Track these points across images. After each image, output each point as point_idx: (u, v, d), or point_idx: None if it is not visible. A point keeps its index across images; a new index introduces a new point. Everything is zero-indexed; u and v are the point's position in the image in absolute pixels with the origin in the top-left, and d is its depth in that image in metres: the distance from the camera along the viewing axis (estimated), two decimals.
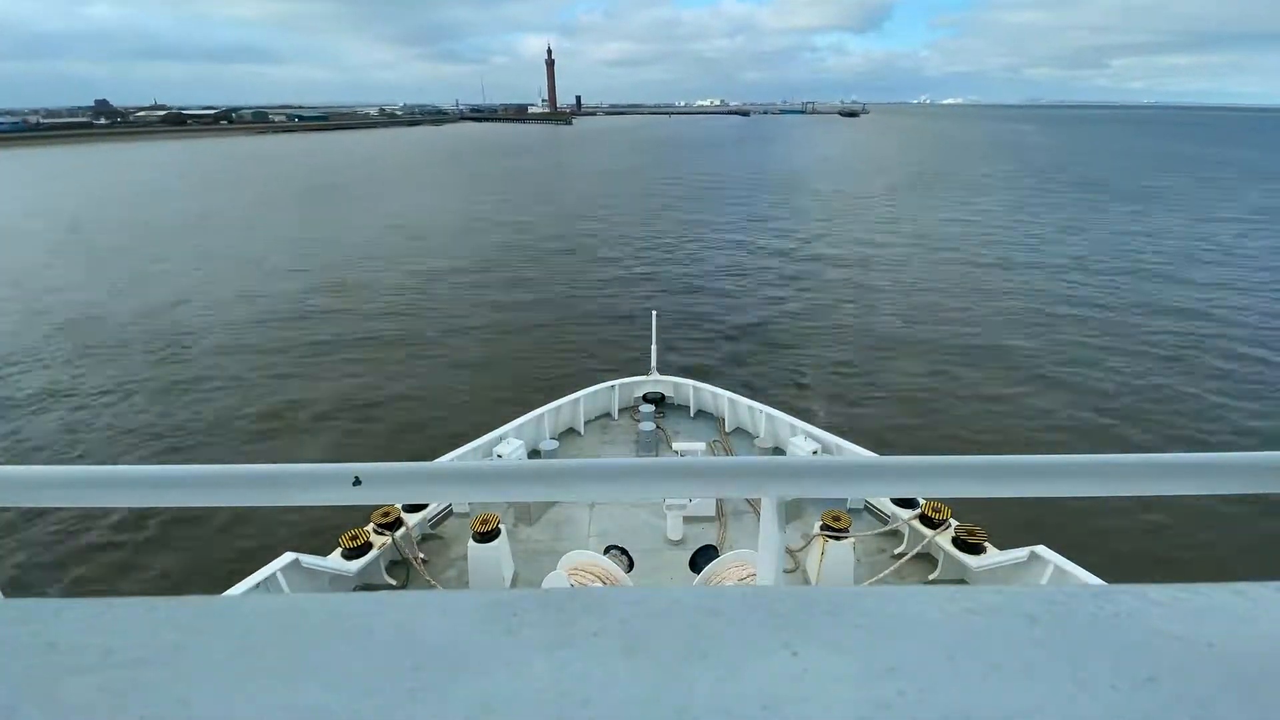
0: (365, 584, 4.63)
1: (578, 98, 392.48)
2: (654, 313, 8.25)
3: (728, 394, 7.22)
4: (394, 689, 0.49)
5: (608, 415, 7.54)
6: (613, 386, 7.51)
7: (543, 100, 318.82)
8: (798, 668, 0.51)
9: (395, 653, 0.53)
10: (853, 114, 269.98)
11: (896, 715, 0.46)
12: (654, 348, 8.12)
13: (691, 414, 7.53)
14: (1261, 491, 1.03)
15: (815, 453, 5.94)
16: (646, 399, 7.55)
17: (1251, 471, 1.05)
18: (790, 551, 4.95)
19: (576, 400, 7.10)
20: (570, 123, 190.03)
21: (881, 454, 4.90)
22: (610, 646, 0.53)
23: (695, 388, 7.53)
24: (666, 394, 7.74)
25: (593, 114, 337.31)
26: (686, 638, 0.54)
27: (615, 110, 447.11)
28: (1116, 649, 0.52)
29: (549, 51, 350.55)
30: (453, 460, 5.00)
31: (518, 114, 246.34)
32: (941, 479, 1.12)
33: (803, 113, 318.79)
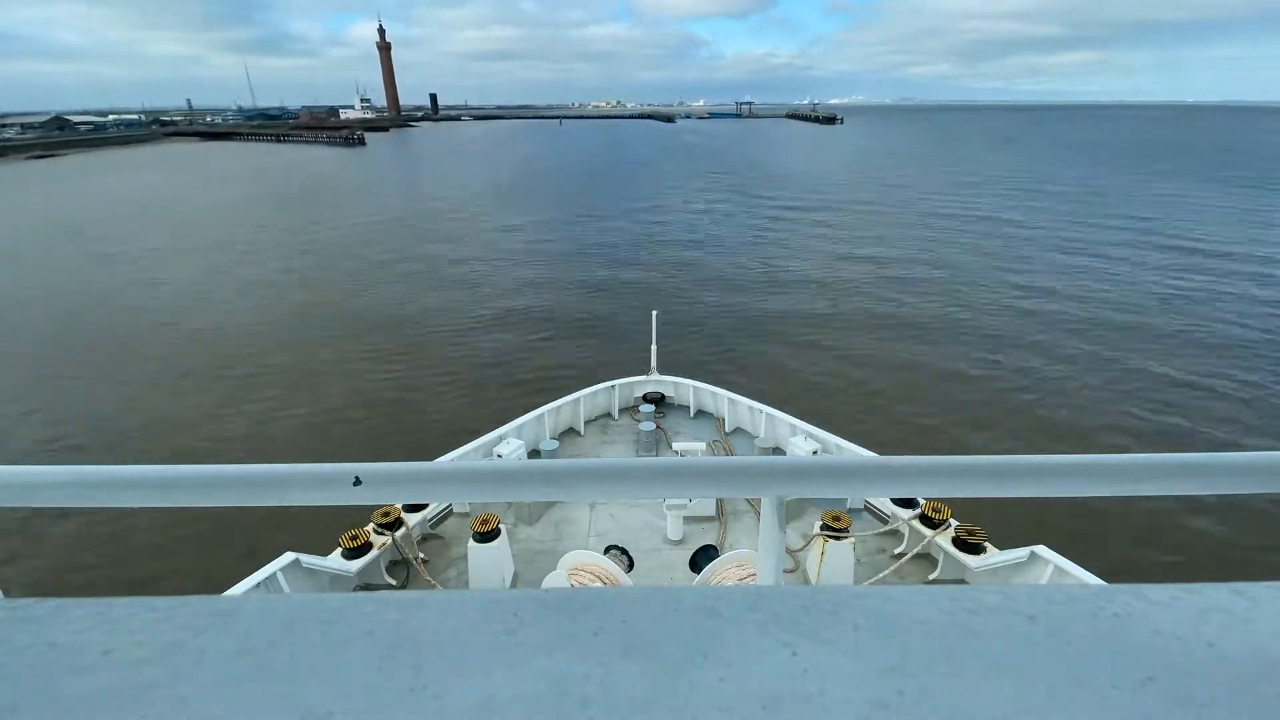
0: (365, 584, 4.63)
1: (433, 96, 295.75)
2: (654, 313, 8.25)
3: (728, 394, 7.22)
4: (394, 689, 0.49)
5: (608, 415, 7.54)
6: (613, 386, 7.51)
7: (364, 102, 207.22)
8: (798, 668, 0.51)
9: (395, 653, 0.53)
10: (830, 120, 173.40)
11: (896, 715, 0.46)
12: (654, 348, 8.12)
13: (691, 414, 7.53)
14: (1262, 491, 1.03)
15: (815, 453, 5.94)
16: (646, 399, 7.55)
17: (1251, 471, 1.05)
18: (790, 551, 4.95)
19: (576, 400, 7.11)
20: (364, 141, 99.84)
21: (881, 454, 4.92)
22: (610, 646, 0.53)
23: (695, 388, 7.54)
24: (666, 394, 7.74)
25: (455, 119, 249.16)
26: (686, 638, 0.54)
27: (494, 113, 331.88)
28: (1116, 649, 0.52)
29: (380, 34, 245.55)
30: (453, 460, 5.01)
31: (318, 123, 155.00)
32: (941, 479, 1.12)
33: (738, 116, 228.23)
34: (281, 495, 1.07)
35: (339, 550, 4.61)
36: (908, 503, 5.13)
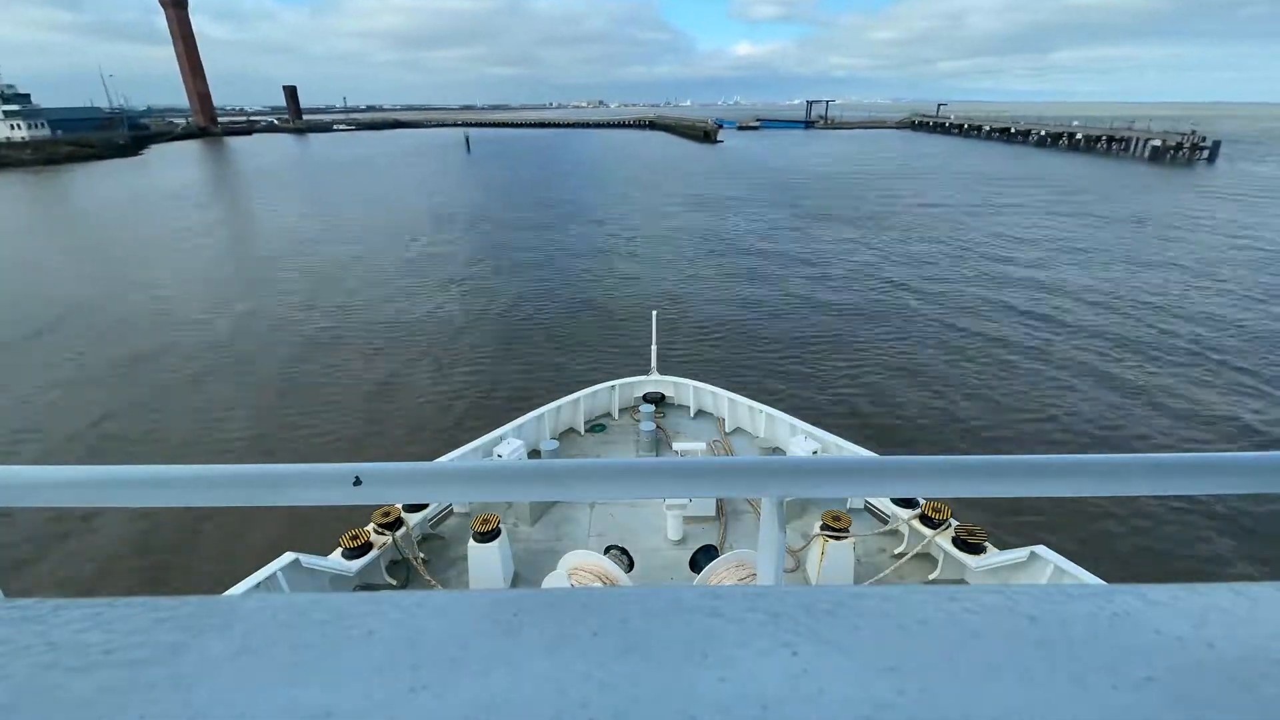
0: (365, 584, 4.63)
1: (289, 91, 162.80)
2: (654, 313, 8.26)
3: (728, 394, 7.22)
4: (394, 689, 0.49)
5: (608, 415, 7.54)
6: (613, 386, 7.52)
7: None
8: (798, 668, 0.51)
9: (395, 653, 0.53)
10: (1197, 150, 54.79)
11: (896, 715, 0.46)
12: (654, 348, 8.12)
13: (691, 414, 7.54)
14: (1261, 491, 1.04)
15: (815, 453, 5.94)
16: (646, 399, 7.56)
17: (1251, 471, 1.05)
18: (790, 551, 4.96)
19: (576, 400, 7.11)
20: None
21: (881, 454, 4.92)
22: (610, 646, 0.53)
23: (695, 388, 7.54)
24: (666, 394, 7.75)
25: (325, 128, 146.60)
26: (686, 638, 0.54)
27: (409, 115, 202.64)
28: (1116, 649, 0.52)
29: None
30: (453, 460, 5.01)
31: None
32: (941, 479, 1.12)
33: (808, 126, 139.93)
34: (281, 495, 1.07)
35: (339, 550, 4.62)
36: (908, 503, 5.13)
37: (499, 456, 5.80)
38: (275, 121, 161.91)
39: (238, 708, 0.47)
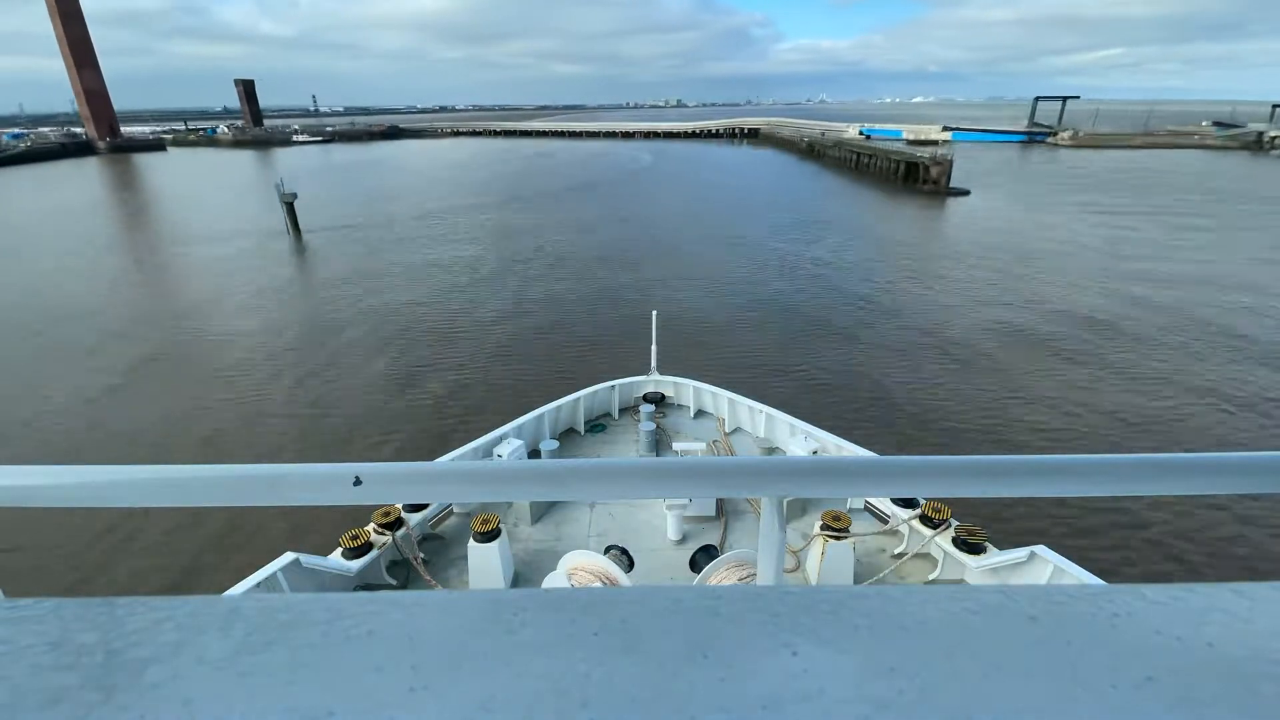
0: (365, 584, 4.63)
1: (245, 87, 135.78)
2: (654, 313, 8.25)
3: (728, 394, 7.23)
4: (394, 689, 0.49)
5: (608, 415, 7.54)
6: (613, 386, 7.52)
7: None
8: (798, 667, 0.51)
9: (395, 653, 0.53)
10: None
11: (896, 715, 0.46)
12: (654, 348, 8.12)
13: (691, 414, 7.54)
14: (1262, 492, 1.04)
15: (815, 453, 5.94)
16: (646, 399, 7.56)
17: (1251, 471, 1.05)
18: (790, 551, 4.96)
19: (576, 400, 7.11)
20: None
21: (881, 454, 4.91)
22: (610, 646, 0.53)
23: (695, 388, 7.54)
24: (666, 394, 7.75)
25: (285, 139, 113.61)
26: (686, 638, 0.54)
27: (395, 121, 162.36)
28: (1115, 649, 0.52)
29: None
30: (453, 460, 5.01)
31: None
32: (941, 479, 1.12)
33: (1033, 140, 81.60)
34: (281, 495, 1.07)
35: (339, 550, 4.62)
36: (908, 503, 5.13)
37: (499, 456, 5.80)
38: (224, 130, 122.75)
39: (237, 708, 0.47)
